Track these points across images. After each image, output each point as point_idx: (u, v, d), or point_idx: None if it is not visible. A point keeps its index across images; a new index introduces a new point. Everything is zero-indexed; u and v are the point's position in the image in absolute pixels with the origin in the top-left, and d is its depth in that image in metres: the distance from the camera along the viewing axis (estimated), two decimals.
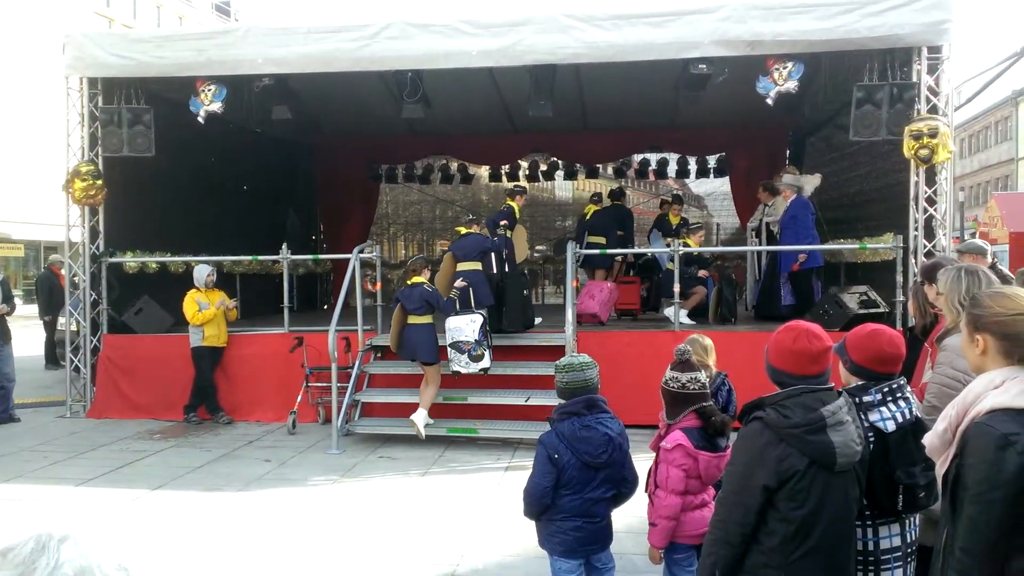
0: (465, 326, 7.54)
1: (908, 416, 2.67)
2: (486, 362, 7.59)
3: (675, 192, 14.93)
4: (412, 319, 7.61)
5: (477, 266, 8.13)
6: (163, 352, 9.14)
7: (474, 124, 13.44)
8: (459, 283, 7.99)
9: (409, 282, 7.80)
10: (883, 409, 2.67)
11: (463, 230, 8.56)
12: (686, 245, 9.31)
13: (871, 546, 2.67)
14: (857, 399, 2.71)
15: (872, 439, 2.64)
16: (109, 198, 9.28)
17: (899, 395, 2.70)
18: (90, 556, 0.92)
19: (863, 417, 2.67)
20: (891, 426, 2.64)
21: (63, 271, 12.00)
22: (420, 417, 7.57)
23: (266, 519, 5.64)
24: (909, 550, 2.70)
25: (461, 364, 7.58)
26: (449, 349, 7.59)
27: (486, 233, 8.74)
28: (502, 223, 9.05)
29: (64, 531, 0.95)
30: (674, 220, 10.72)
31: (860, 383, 2.73)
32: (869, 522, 2.68)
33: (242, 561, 4.84)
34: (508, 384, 8.15)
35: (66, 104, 9.43)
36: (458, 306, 7.75)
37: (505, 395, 7.98)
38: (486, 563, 4.76)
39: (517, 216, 9.71)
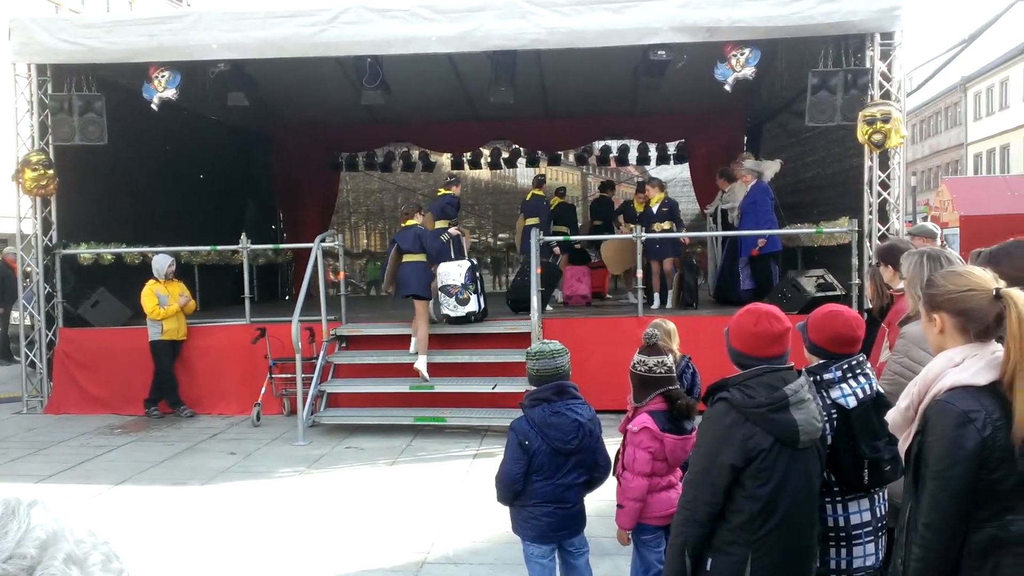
0: (453, 270, 7.99)
1: (869, 391, 2.75)
2: (472, 306, 7.99)
3: (639, 179, 15.04)
4: (407, 257, 7.99)
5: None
6: (121, 345, 8.96)
7: (435, 111, 13.36)
8: (453, 231, 8.37)
9: (403, 224, 8.32)
10: (843, 386, 2.74)
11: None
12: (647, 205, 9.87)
13: (841, 521, 2.74)
14: (818, 377, 2.78)
15: (835, 415, 2.72)
16: (61, 188, 9.03)
17: (859, 371, 2.78)
18: (60, 520, 0.91)
19: (824, 394, 2.75)
20: (852, 402, 2.72)
21: (17, 263, 11.71)
22: (422, 363, 7.86)
23: (232, 512, 5.59)
24: (879, 524, 2.77)
25: (449, 307, 8.02)
26: (439, 292, 8.04)
27: (426, 223, 8.58)
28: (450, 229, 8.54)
29: (31, 497, 0.93)
30: (639, 207, 10.76)
31: (820, 362, 2.81)
32: (839, 498, 2.75)
33: (209, 555, 4.80)
34: (475, 372, 8.18)
35: (14, 91, 9.14)
36: (452, 254, 8.18)
37: (472, 383, 8.01)
38: (457, 550, 4.79)
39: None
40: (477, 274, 8.26)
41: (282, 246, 12.94)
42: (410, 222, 8.21)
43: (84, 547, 0.91)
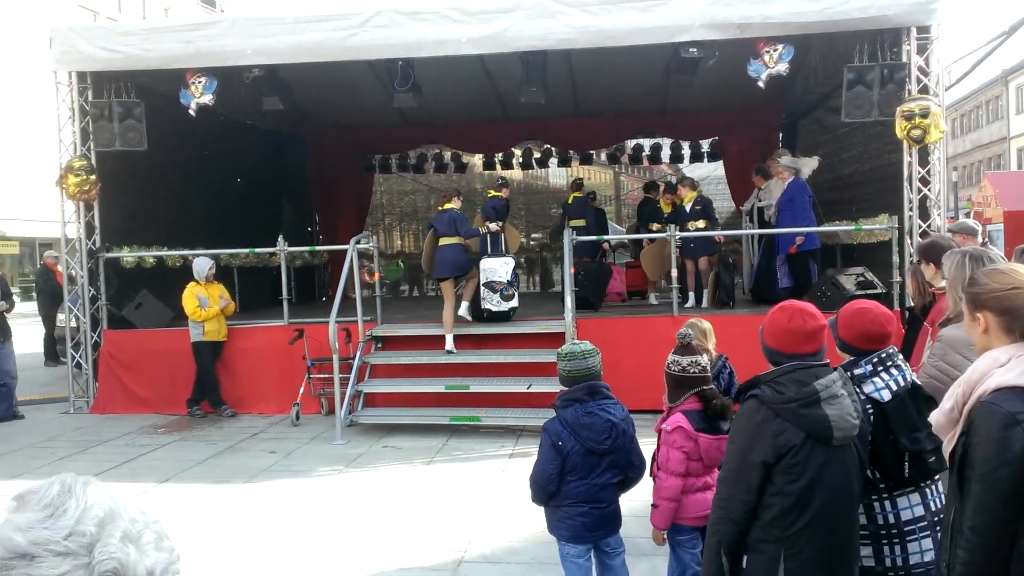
0: (499, 267, 8.27)
1: (903, 383, 2.71)
2: (515, 302, 8.34)
3: (666, 179, 14.92)
4: (443, 240, 8.28)
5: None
6: (164, 346, 9.16)
7: (466, 112, 13.42)
8: (492, 226, 8.61)
9: (440, 208, 8.74)
10: (876, 380, 2.71)
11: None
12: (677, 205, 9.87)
13: (891, 518, 2.70)
14: (849, 373, 2.76)
15: (871, 410, 2.70)
16: (103, 193, 9.26)
17: (890, 364, 2.74)
18: (115, 499, 0.94)
19: (858, 390, 2.72)
20: (886, 395, 2.69)
21: (59, 267, 12.00)
22: (449, 341, 8.17)
23: (273, 510, 5.70)
24: (936, 519, 2.70)
25: (492, 303, 8.29)
26: (483, 288, 8.27)
27: (476, 224, 8.95)
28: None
29: (85, 476, 0.96)
30: (666, 208, 10.66)
31: (850, 359, 2.79)
32: (885, 495, 2.70)
33: (251, 552, 4.90)
34: (510, 372, 8.21)
35: (56, 99, 9.38)
36: (490, 249, 8.52)
37: (507, 383, 8.04)
38: (493, 549, 4.83)
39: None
40: (516, 272, 8.56)
41: (318, 248, 13.12)
42: (447, 206, 8.57)
43: (138, 525, 0.94)
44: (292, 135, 14.23)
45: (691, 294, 9.83)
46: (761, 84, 8.33)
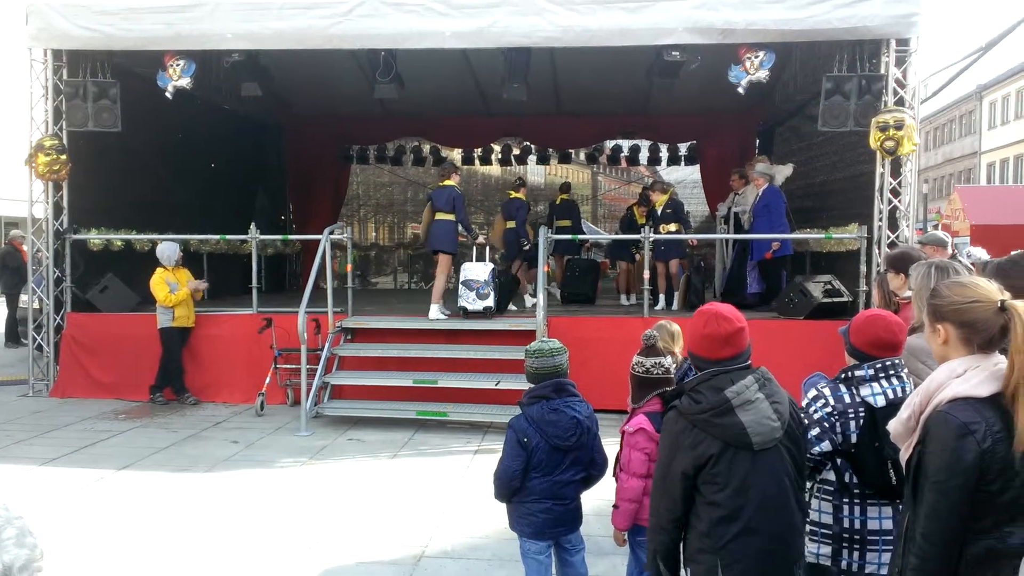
0: (478, 268, 8.73)
1: (901, 394, 2.72)
2: (490, 302, 8.61)
3: (648, 179, 15.04)
4: (438, 216, 8.74)
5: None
6: (128, 331, 9.01)
7: (447, 106, 13.37)
8: (480, 240, 9.47)
9: (440, 184, 9.05)
10: (874, 385, 2.74)
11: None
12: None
13: (857, 524, 2.72)
14: (849, 374, 2.78)
15: (863, 413, 2.71)
16: (73, 173, 9.08)
17: (892, 373, 2.77)
18: None
19: (854, 391, 2.74)
20: (881, 401, 2.71)
21: (25, 247, 11.76)
22: (434, 311, 8.70)
23: (233, 501, 5.62)
24: None
25: (468, 300, 8.61)
26: (460, 286, 8.69)
27: (496, 224, 10.14)
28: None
29: None
30: (640, 220, 10.78)
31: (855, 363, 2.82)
32: (857, 501, 2.72)
33: (209, 542, 4.83)
34: (479, 368, 8.18)
35: (29, 76, 9.18)
36: (475, 256, 9.20)
37: (475, 379, 8.01)
38: (455, 544, 4.81)
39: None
40: (498, 277, 8.93)
41: (291, 237, 13.00)
42: (447, 182, 8.97)
43: None
44: (270, 122, 14.08)
45: (661, 296, 9.89)
46: (741, 90, 8.39)
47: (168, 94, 8.90)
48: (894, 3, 7.94)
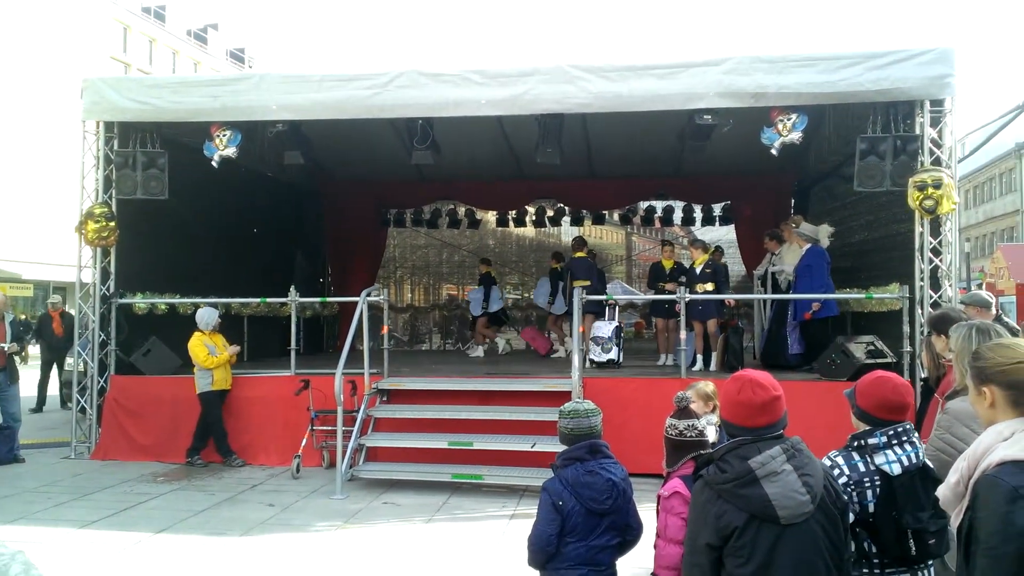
0: (605, 326, 10.13)
1: (915, 460, 2.66)
2: (614, 354, 9.89)
3: (675, 239, 15.07)
4: (576, 283, 10.18)
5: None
6: (168, 394, 9.15)
7: (482, 170, 13.62)
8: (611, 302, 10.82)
9: (574, 255, 11.13)
10: (889, 452, 2.67)
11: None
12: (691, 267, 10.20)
13: None
14: (863, 442, 2.71)
15: (878, 482, 2.63)
16: (121, 239, 9.39)
17: (905, 439, 2.70)
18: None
19: (868, 459, 2.67)
20: (897, 469, 2.64)
21: (66, 313, 12.12)
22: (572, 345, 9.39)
23: (268, 566, 5.59)
24: None
25: (595, 354, 9.88)
26: (590, 342, 9.91)
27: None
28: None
29: None
30: (667, 264, 10.71)
31: (866, 428, 2.75)
32: (877, 570, 2.64)
33: None
34: (514, 429, 8.12)
35: (82, 147, 9.59)
36: (616, 315, 10.70)
37: (511, 441, 7.95)
38: None
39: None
40: (621, 333, 10.35)
41: (328, 299, 13.19)
42: (579, 254, 11.07)
43: (4, 557, 0.96)
44: (310, 188, 14.46)
45: (699, 357, 9.77)
46: (774, 152, 8.40)
47: (214, 163, 9.22)
48: (927, 65, 7.96)
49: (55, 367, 13.18)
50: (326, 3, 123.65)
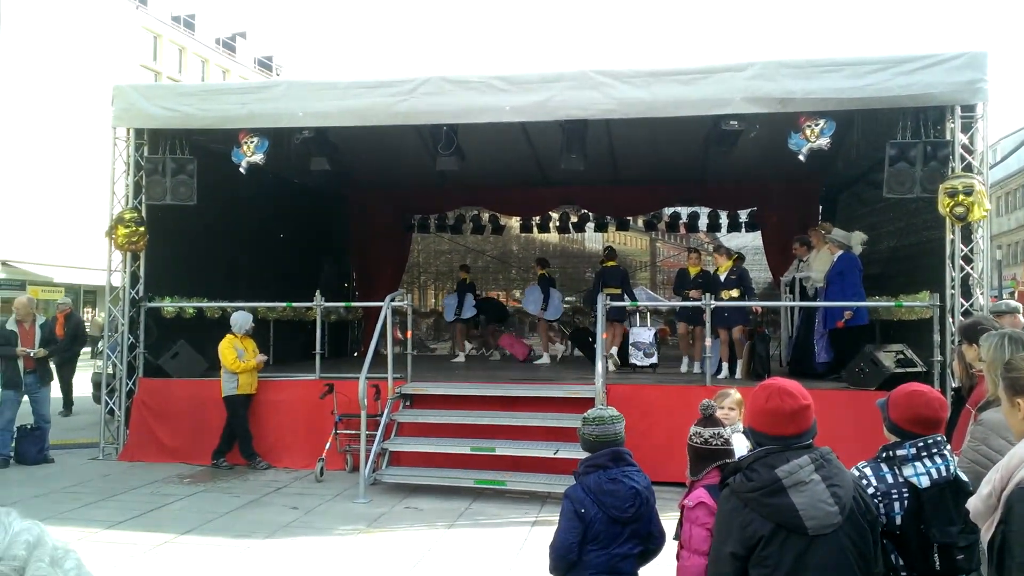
0: (645, 333, 10.66)
1: (945, 473, 2.61)
2: (655, 359, 10.42)
3: (702, 246, 14.96)
4: (608, 290, 10.61)
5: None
6: (195, 396, 9.25)
7: (506, 176, 13.62)
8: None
9: (604, 264, 11.51)
10: (917, 464, 2.62)
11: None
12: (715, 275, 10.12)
13: None
14: (891, 453, 2.66)
15: (907, 494, 2.59)
16: (150, 244, 9.52)
17: (935, 451, 2.65)
18: (40, 526, 1.00)
19: (897, 471, 2.62)
20: (925, 481, 2.59)
21: (64, 316, 12.22)
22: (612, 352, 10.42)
23: (291, 569, 5.62)
24: None
25: (637, 358, 10.43)
26: (630, 347, 10.49)
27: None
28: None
29: (6, 508, 1.02)
30: (693, 271, 10.65)
31: (896, 440, 2.70)
32: None
33: None
34: (537, 436, 8.10)
35: (112, 153, 9.75)
36: (648, 321, 11.65)
37: (534, 447, 7.93)
38: None
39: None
40: (658, 337, 10.96)
41: (353, 304, 13.27)
42: (610, 263, 11.42)
43: (60, 552, 1.01)
44: (335, 194, 14.56)
45: (724, 364, 9.68)
46: (802, 158, 8.30)
47: (242, 169, 9.32)
48: (958, 71, 7.83)
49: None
50: (352, 11, 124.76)
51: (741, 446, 3.28)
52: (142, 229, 9.38)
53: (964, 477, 2.70)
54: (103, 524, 6.60)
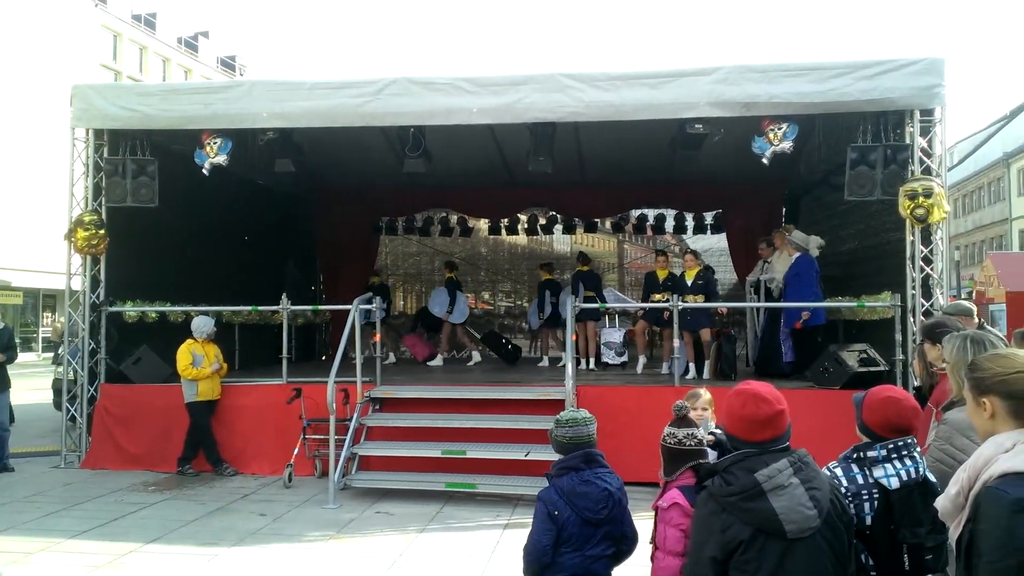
0: (615, 332, 11.32)
1: (915, 475, 2.65)
2: (625, 357, 11.19)
3: (668, 248, 15.13)
4: (586, 294, 10.98)
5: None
6: (159, 402, 9.08)
7: (474, 178, 13.61)
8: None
9: (581, 268, 11.79)
10: (887, 465, 2.66)
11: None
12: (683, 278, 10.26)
13: None
14: (861, 454, 2.70)
15: (876, 495, 2.63)
16: (110, 247, 9.33)
17: (905, 453, 2.69)
18: None
19: (867, 472, 2.66)
20: (895, 483, 2.63)
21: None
22: (582, 363, 10.96)
23: None
24: None
25: (609, 357, 11.05)
26: (602, 346, 11.10)
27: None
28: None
29: None
30: (661, 274, 10.77)
31: (867, 440, 2.74)
32: None
33: None
34: (508, 438, 8.10)
35: (71, 154, 9.54)
36: (616, 323, 12.03)
37: (505, 450, 7.92)
38: None
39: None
40: (627, 338, 11.57)
41: (320, 307, 13.13)
42: (584, 268, 11.75)
43: None
44: (301, 196, 14.40)
45: (691, 365, 9.79)
46: (765, 161, 8.44)
47: (205, 171, 9.16)
48: (916, 76, 8.02)
49: None
50: (317, 11, 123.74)
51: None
52: (102, 232, 9.19)
53: (932, 478, 2.75)
54: (66, 534, 6.44)
